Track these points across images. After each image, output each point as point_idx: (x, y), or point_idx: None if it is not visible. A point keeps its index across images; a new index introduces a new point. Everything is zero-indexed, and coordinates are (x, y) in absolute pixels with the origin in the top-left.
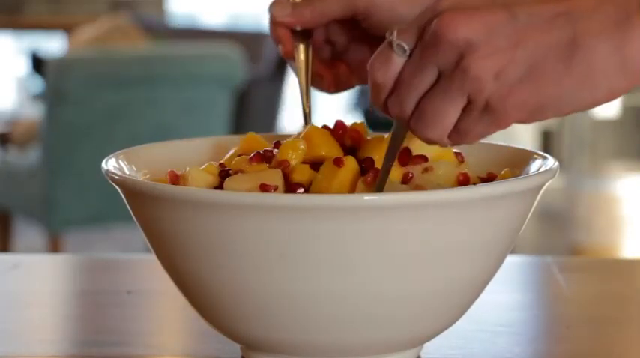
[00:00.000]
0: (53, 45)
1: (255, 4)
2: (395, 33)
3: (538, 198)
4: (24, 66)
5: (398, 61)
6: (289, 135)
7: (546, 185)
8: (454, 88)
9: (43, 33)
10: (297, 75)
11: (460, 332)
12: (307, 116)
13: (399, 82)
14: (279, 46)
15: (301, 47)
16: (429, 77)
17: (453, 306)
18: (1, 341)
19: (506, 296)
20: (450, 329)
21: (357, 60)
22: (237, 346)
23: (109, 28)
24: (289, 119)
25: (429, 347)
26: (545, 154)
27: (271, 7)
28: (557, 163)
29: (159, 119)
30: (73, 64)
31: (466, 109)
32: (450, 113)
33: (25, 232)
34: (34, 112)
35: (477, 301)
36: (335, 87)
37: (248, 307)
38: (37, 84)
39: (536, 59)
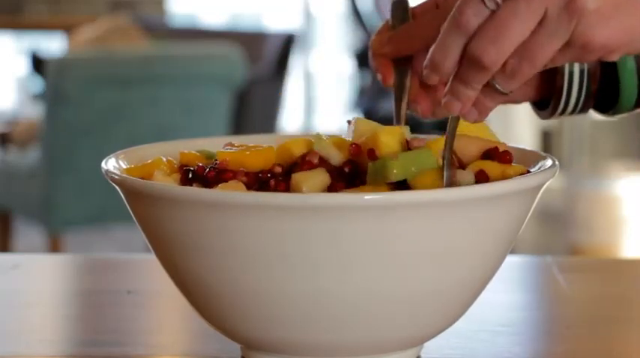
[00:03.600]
0: (53, 45)
1: (255, 4)
2: None
3: (538, 198)
4: (24, 66)
5: (486, 13)
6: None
7: (546, 185)
8: (563, 27)
9: (43, 33)
10: (394, 93)
11: (460, 332)
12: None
13: (493, 29)
14: (378, 75)
15: (399, 73)
16: (532, 20)
17: (453, 306)
18: (1, 341)
19: (506, 296)
20: (450, 329)
21: None
22: (237, 346)
23: (109, 28)
24: (289, 119)
25: (429, 347)
26: (545, 154)
27: (371, 40)
28: (557, 163)
29: (159, 119)
30: (73, 64)
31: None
32: (553, 49)
33: (25, 232)
34: (34, 112)
35: (477, 301)
36: (431, 112)
37: (248, 307)
38: (37, 84)
39: None
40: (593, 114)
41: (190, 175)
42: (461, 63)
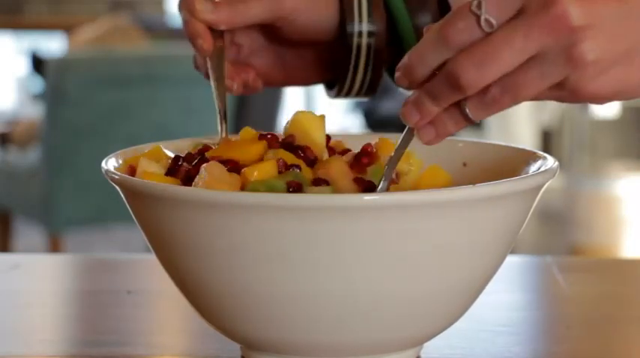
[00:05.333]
0: (53, 45)
1: None
2: (483, 7)
3: (538, 198)
4: (24, 66)
5: (478, 32)
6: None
7: (546, 185)
8: (557, 71)
9: (43, 33)
10: (212, 74)
11: (460, 332)
12: (223, 116)
13: (482, 51)
14: (198, 41)
15: (217, 46)
16: (526, 55)
17: (453, 306)
18: (1, 341)
19: (506, 296)
20: (450, 329)
21: (262, 65)
22: (237, 346)
23: (109, 28)
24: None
25: (429, 347)
26: (545, 154)
27: (188, 2)
28: (557, 163)
29: (159, 119)
30: (73, 64)
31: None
32: (541, 90)
33: (25, 232)
34: (34, 112)
35: (477, 301)
36: (243, 90)
37: (248, 307)
38: (37, 84)
39: (634, 47)
40: (586, 113)
41: (180, 161)
42: (435, 74)
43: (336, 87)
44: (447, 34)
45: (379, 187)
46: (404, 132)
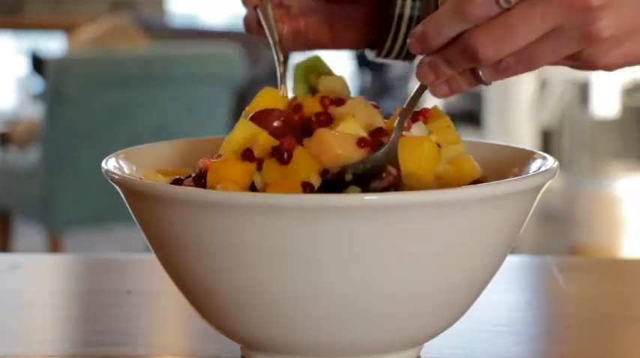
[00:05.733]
0: (53, 45)
1: None
2: None
3: (538, 198)
4: (24, 66)
5: (495, 8)
6: None
7: (546, 185)
8: (572, 45)
9: (43, 33)
10: (265, 25)
11: (460, 332)
12: (282, 74)
13: (500, 27)
14: None
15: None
16: (543, 30)
17: (453, 306)
18: (1, 341)
19: (506, 296)
20: (450, 329)
21: (310, 25)
22: (237, 346)
23: (109, 28)
24: None
25: (429, 347)
26: (545, 154)
27: None
28: (557, 163)
29: (159, 119)
30: (73, 64)
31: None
32: (555, 60)
33: (25, 232)
34: (34, 112)
35: (477, 301)
36: (293, 40)
37: (248, 307)
38: (37, 84)
39: None
40: (586, 113)
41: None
42: (451, 43)
43: (377, 48)
44: (464, 8)
45: (392, 136)
46: (417, 86)
